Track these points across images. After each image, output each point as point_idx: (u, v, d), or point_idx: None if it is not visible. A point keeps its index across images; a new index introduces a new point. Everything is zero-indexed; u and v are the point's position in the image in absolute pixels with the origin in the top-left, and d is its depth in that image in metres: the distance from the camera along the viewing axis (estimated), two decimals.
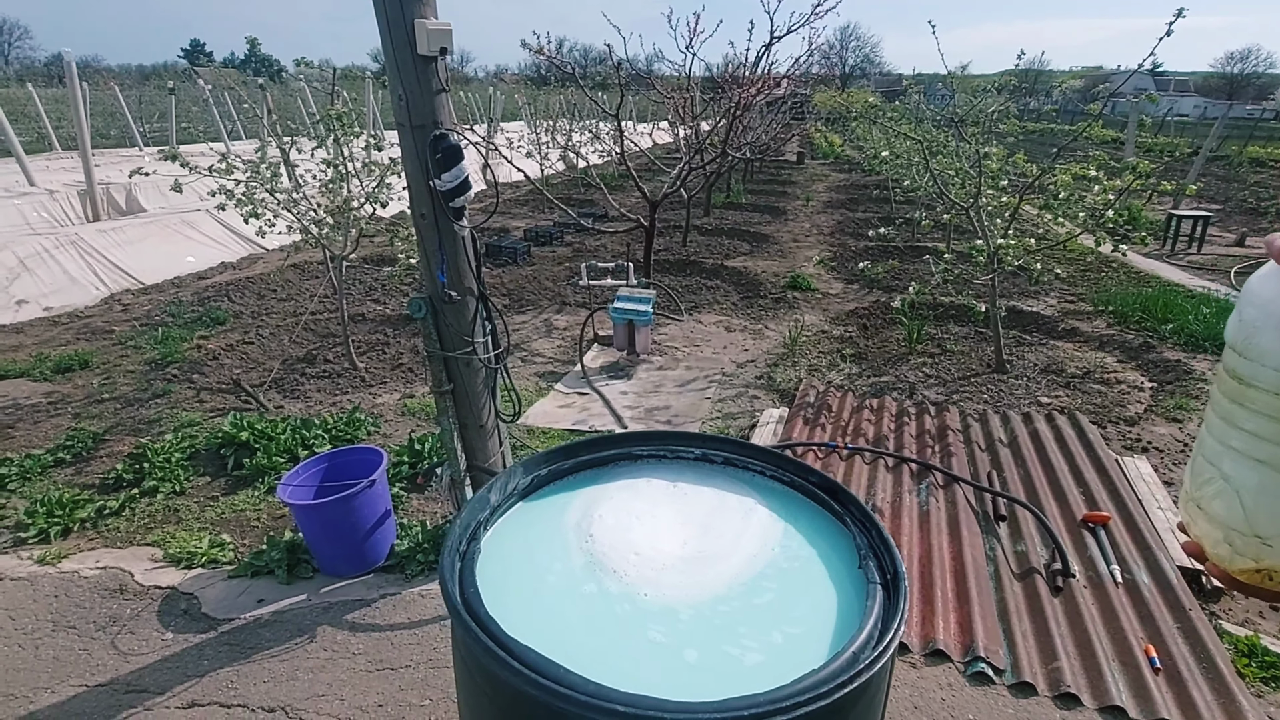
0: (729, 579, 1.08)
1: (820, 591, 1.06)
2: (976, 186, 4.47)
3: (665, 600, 1.04)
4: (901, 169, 8.45)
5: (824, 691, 0.81)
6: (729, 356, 5.25)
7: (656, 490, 1.31)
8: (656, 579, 1.08)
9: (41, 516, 3.10)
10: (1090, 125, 4.34)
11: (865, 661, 0.86)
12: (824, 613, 1.02)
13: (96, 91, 19.20)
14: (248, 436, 3.63)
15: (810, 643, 0.96)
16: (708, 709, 0.79)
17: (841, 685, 0.81)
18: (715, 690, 0.88)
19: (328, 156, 4.24)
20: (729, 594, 1.05)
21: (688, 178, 6.58)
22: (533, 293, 6.74)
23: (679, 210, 9.36)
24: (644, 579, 1.08)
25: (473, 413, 2.49)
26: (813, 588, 1.06)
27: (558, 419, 4.17)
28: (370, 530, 2.74)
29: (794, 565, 1.12)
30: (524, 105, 16.69)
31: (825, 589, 1.06)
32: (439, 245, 2.10)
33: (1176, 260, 8.56)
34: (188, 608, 2.64)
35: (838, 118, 20.13)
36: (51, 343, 5.46)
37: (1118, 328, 5.90)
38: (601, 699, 0.79)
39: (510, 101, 20.67)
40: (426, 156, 1.94)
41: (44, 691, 2.26)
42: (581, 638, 0.97)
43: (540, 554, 1.14)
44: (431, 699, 2.23)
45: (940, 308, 6.12)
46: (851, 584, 1.08)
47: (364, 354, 5.09)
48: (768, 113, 11.26)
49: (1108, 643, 2.33)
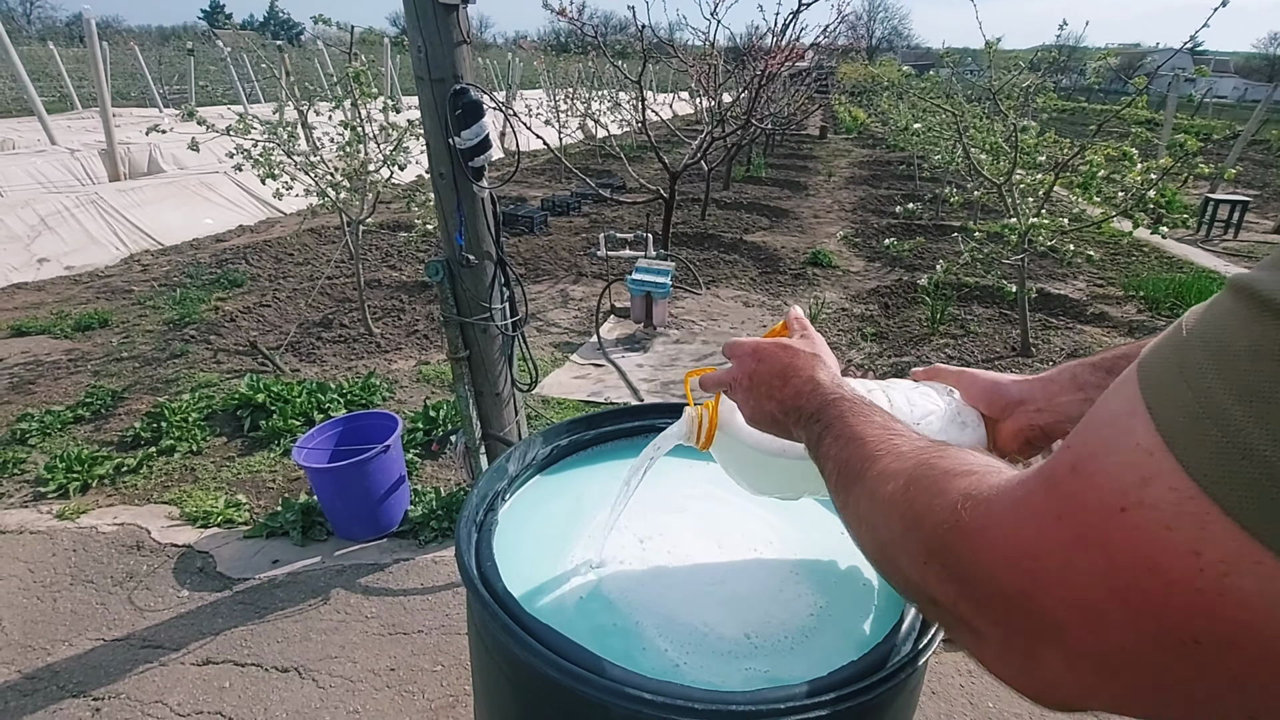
0: (758, 560, 1.03)
1: (856, 572, 1.00)
2: (1011, 162, 4.31)
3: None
4: (930, 144, 8.21)
5: (865, 686, 0.76)
6: (747, 332, 5.16)
7: (683, 464, 1.26)
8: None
9: (61, 472, 3.12)
10: (1134, 101, 4.15)
11: (907, 652, 0.81)
12: (861, 595, 0.96)
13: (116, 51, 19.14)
14: (264, 399, 3.63)
15: (847, 627, 0.91)
16: (739, 699, 0.74)
17: (886, 679, 0.76)
18: (746, 677, 0.84)
19: (345, 119, 4.17)
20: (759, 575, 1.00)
21: (709, 148, 6.43)
22: (549, 263, 6.67)
23: (698, 183, 9.19)
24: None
25: (489, 380, 2.45)
26: (848, 568, 1.01)
27: (572, 390, 4.13)
28: (384, 495, 2.73)
29: (828, 545, 1.06)
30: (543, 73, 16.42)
31: (863, 570, 1.01)
32: (457, 206, 2.04)
33: (1211, 246, 8.30)
34: (203, 566, 2.66)
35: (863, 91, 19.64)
36: (72, 301, 5.48)
37: (1149, 313, 5.74)
38: (628, 685, 0.74)
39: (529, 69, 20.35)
40: (446, 112, 1.87)
41: (62, 644, 2.29)
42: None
43: (560, 528, 1.10)
44: (444, 664, 2.22)
45: (964, 288, 5.98)
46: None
47: (379, 320, 5.06)
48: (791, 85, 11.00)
49: None
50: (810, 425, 0.64)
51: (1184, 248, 8.03)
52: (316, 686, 2.14)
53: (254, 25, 42.08)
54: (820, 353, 0.73)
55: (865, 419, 0.58)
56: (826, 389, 0.66)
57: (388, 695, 2.12)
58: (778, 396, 0.70)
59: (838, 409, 0.61)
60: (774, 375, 0.71)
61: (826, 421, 0.61)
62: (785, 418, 0.69)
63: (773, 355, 0.73)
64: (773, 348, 0.74)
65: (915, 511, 0.42)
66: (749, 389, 0.74)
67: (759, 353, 0.74)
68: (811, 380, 0.68)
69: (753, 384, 0.73)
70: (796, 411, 0.67)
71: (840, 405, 0.62)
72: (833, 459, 0.57)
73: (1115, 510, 0.31)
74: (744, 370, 0.75)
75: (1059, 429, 0.74)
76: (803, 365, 0.70)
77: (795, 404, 0.67)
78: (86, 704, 2.08)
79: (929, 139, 8.10)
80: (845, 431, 0.58)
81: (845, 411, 0.60)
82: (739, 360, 0.76)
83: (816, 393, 0.66)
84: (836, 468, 0.56)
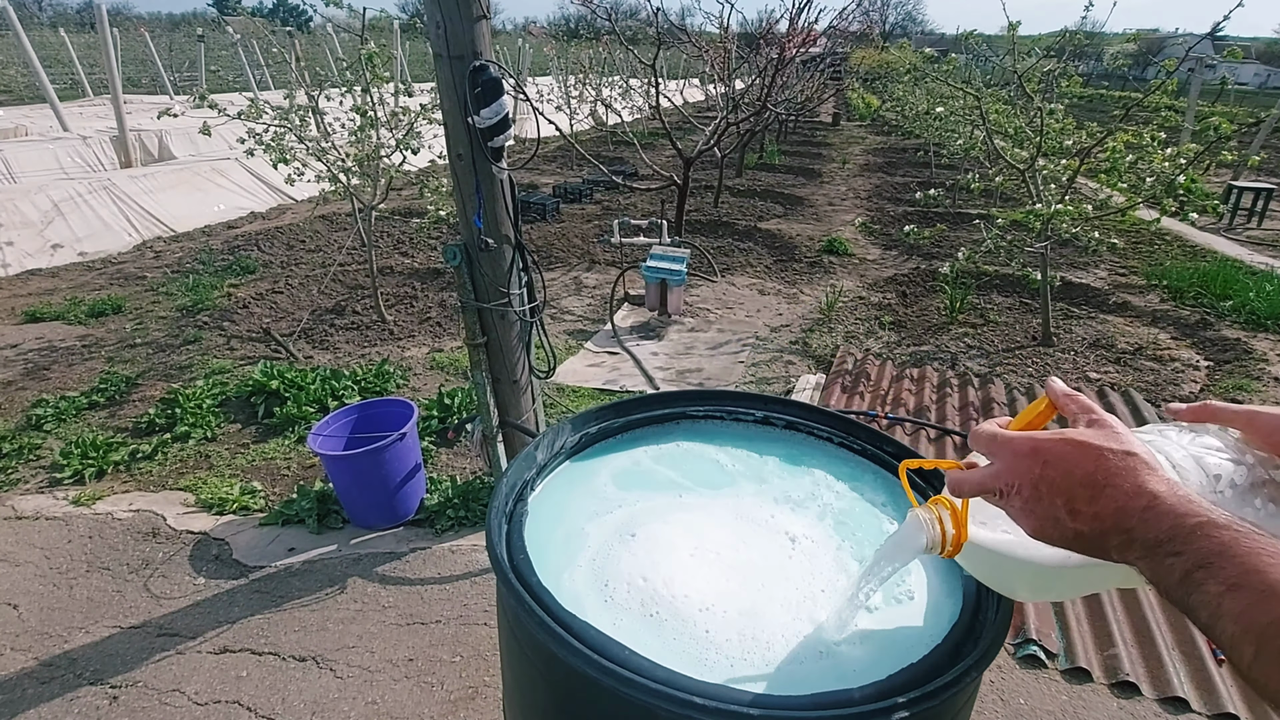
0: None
1: (907, 574, 0.95)
2: (1036, 147, 4.21)
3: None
4: (949, 130, 8.07)
5: (930, 692, 0.71)
6: (762, 320, 5.10)
7: (719, 455, 1.21)
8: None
9: (76, 458, 3.11)
10: (1164, 85, 4.03)
11: (974, 655, 0.76)
12: (915, 596, 0.91)
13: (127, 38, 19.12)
14: (278, 385, 3.60)
15: (903, 629, 0.86)
16: (795, 704, 0.70)
17: (950, 685, 0.71)
18: (796, 682, 0.79)
19: (356, 104, 4.11)
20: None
21: (724, 133, 6.34)
22: (562, 250, 6.61)
23: (711, 170, 9.09)
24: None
25: (506, 367, 2.40)
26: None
27: (588, 378, 4.08)
28: (401, 483, 2.70)
29: (872, 541, 1.01)
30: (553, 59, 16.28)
31: (913, 571, 0.96)
32: (476, 188, 1.98)
33: (1235, 234, 8.12)
34: (219, 553, 2.64)
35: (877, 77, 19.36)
36: (86, 287, 5.48)
37: (1172, 303, 5.62)
38: (675, 687, 0.69)
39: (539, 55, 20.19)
40: (465, 90, 1.81)
41: (79, 631, 2.28)
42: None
43: (592, 519, 1.05)
44: (462, 656, 2.19)
45: (984, 276, 5.88)
46: (934, 564, 0.97)
47: (392, 306, 5.03)
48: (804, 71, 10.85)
49: (1167, 631, 2.21)
50: (1161, 558, 0.50)
51: (1207, 236, 7.86)
52: (334, 676, 2.12)
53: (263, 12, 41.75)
54: (1134, 449, 0.56)
55: (1274, 558, 0.45)
56: (1174, 505, 0.51)
57: (406, 686, 2.09)
58: (1087, 512, 0.55)
59: (1212, 540, 0.48)
60: (1075, 484, 0.56)
61: (1198, 558, 0.48)
62: (1103, 539, 0.55)
63: (1067, 457, 0.57)
64: (1064, 446, 0.58)
65: None
66: (1034, 499, 0.58)
67: (1042, 453, 0.58)
68: (1142, 492, 0.53)
69: (1039, 494, 0.58)
70: (1125, 534, 0.53)
71: (1216, 535, 0.48)
72: (1234, 618, 0.45)
73: None
74: (1021, 476, 0.59)
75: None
76: (1119, 470, 0.55)
77: (1121, 524, 0.53)
78: (104, 692, 2.06)
79: (949, 124, 7.96)
80: (1250, 580, 0.45)
81: (1230, 545, 0.47)
82: (1010, 462, 0.60)
83: (1158, 510, 0.52)
84: (1250, 632, 0.44)
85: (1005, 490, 0.60)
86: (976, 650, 0.78)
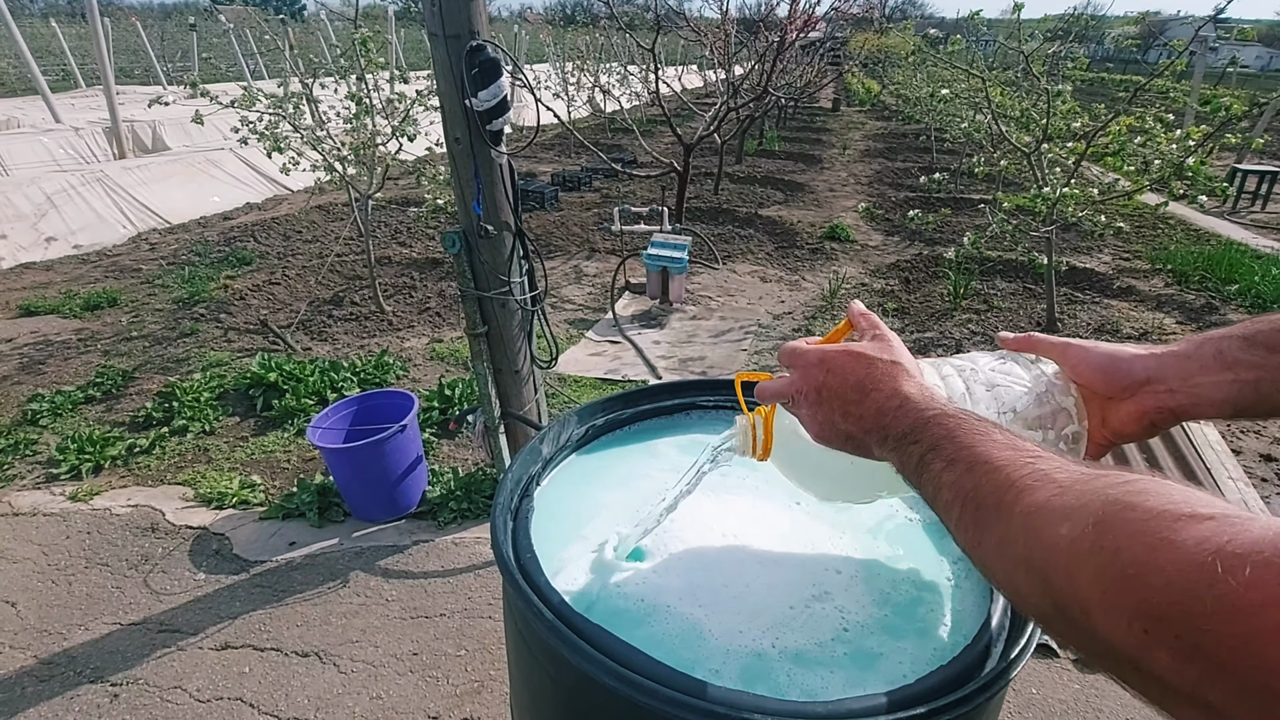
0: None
1: (930, 566, 0.91)
2: (1043, 130, 4.14)
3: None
4: (952, 114, 7.98)
5: (964, 696, 0.67)
6: (765, 307, 5.05)
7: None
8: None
9: (73, 453, 3.07)
10: (1172, 64, 3.96)
11: (1005, 656, 0.73)
12: (940, 593, 0.88)
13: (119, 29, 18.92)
14: (276, 378, 3.56)
15: (931, 628, 0.82)
16: (818, 710, 0.66)
17: (987, 687, 0.68)
18: (821, 685, 0.75)
19: (351, 91, 4.04)
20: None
21: (724, 119, 6.26)
22: (561, 238, 6.55)
23: (710, 157, 9.01)
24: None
25: (508, 357, 2.36)
26: (921, 562, 0.92)
27: (590, 367, 4.04)
28: (402, 476, 2.67)
29: (897, 532, 0.98)
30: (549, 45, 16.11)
31: (935, 564, 0.92)
32: (475, 173, 1.93)
33: (1239, 218, 8.06)
34: (219, 548, 2.61)
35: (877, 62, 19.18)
36: (80, 280, 5.42)
37: (1177, 287, 5.58)
38: (694, 695, 0.66)
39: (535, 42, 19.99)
40: (461, 71, 1.75)
41: (78, 628, 2.25)
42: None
43: (601, 512, 1.01)
44: (467, 649, 2.17)
45: (987, 262, 5.83)
46: (958, 557, 0.94)
47: (390, 297, 4.98)
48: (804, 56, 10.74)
49: None
50: (904, 446, 0.56)
51: (1210, 220, 7.80)
52: (338, 671, 2.09)
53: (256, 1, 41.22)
54: (900, 359, 0.63)
55: (986, 436, 0.50)
56: (919, 403, 0.57)
57: (411, 680, 2.07)
58: (854, 413, 0.61)
59: (941, 427, 0.53)
60: (848, 389, 0.62)
61: (930, 442, 0.53)
62: (866, 436, 0.61)
63: (844, 366, 0.63)
64: (843, 357, 0.64)
65: (1123, 564, 0.35)
66: (816, 403, 0.65)
67: (827, 362, 0.65)
68: (897, 394, 0.59)
69: (820, 398, 0.64)
70: (881, 431, 0.59)
71: (944, 422, 0.53)
72: (950, 486, 0.50)
73: None
74: (809, 382, 0.65)
75: (1193, 411, 0.64)
76: (883, 376, 0.61)
77: (879, 422, 0.59)
78: (104, 689, 2.04)
79: (951, 108, 7.88)
80: (963, 454, 0.50)
81: (954, 430, 0.52)
82: (802, 371, 0.67)
83: (906, 408, 0.58)
84: (958, 498, 0.49)
85: (796, 396, 0.67)
86: (1009, 650, 0.75)
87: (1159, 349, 0.67)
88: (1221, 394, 0.61)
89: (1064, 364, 0.71)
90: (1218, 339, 0.63)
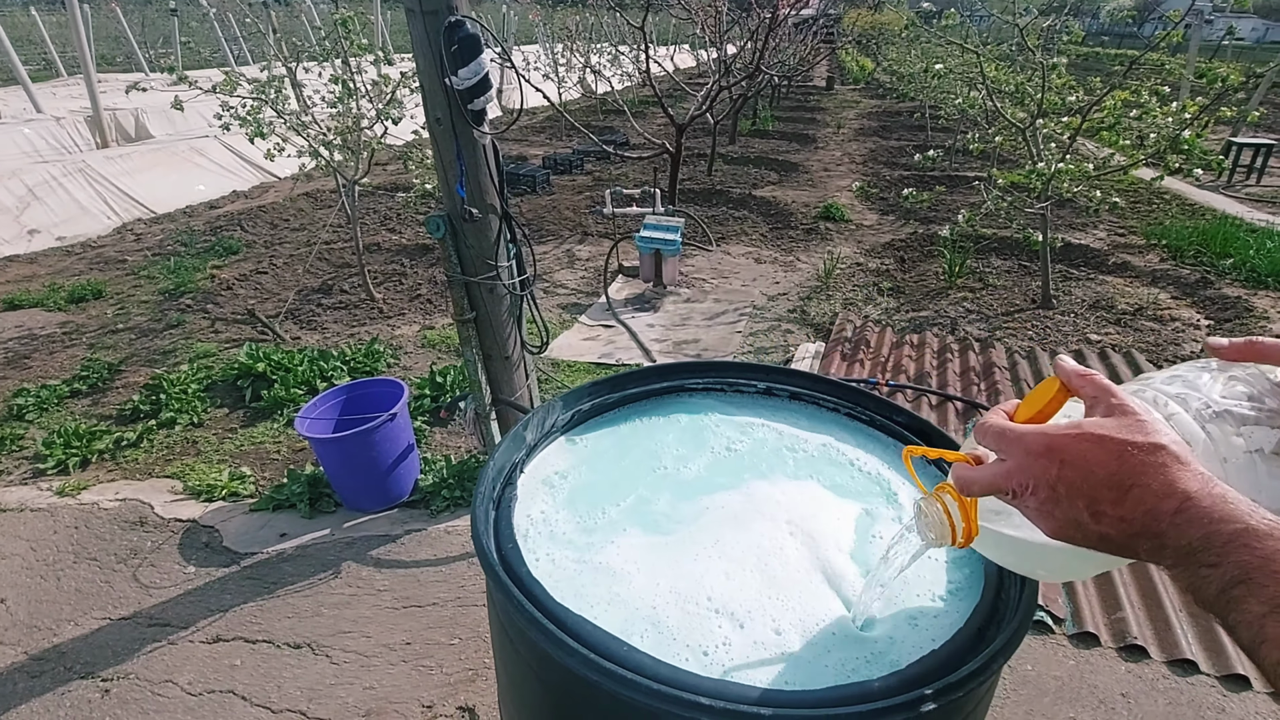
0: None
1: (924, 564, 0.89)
2: (1037, 105, 4.09)
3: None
4: (947, 89, 7.90)
5: (955, 682, 0.65)
6: (759, 289, 5.01)
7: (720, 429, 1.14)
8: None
9: (59, 448, 3.03)
10: (1169, 34, 3.90)
11: (1000, 641, 0.70)
12: (932, 575, 0.85)
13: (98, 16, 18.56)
14: (264, 368, 3.52)
15: (921, 611, 0.80)
16: (810, 700, 0.64)
17: (977, 674, 0.66)
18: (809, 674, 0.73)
19: (335, 73, 3.96)
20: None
21: (716, 98, 6.18)
22: (553, 222, 6.48)
23: (703, 138, 8.91)
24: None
25: (497, 343, 2.32)
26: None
27: (583, 352, 4.01)
28: (393, 465, 2.64)
29: (888, 517, 0.95)
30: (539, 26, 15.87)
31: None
32: (457, 154, 1.88)
33: (1234, 192, 8.02)
34: (209, 541, 2.58)
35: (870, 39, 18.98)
36: (65, 273, 5.35)
37: (1171, 262, 5.55)
38: (680, 687, 0.63)
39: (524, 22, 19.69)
40: (440, 49, 1.70)
41: (67, 623, 2.23)
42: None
43: (586, 497, 0.99)
44: (460, 638, 2.15)
45: (982, 240, 5.79)
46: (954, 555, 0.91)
47: (380, 284, 4.92)
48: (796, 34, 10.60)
49: (1174, 593, 2.18)
50: (1194, 568, 0.46)
51: (1205, 194, 7.76)
52: (330, 662, 2.07)
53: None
54: (1160, 438, 0.49)
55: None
56: (1208, 509, 0.46)
57: (404, 670, 2.05)
58: (1112, 514, 0.50)
59: (1250, 551, 0.43)
60: (1098, 486, 0.50)
61: (1237, 571, 0.43)
62: (1131, 541, 0.50)
63: (1086, 457, 0.50)
64: (1082, 444, 0.51)
65: None
66: (1051, 501, 0.52)
67: (1058, 452, 0.52)
68: (1173, 492, 0.47)
69: (1057, 496, 0.52)
70: (1156, 538, 0.48)
71: (1254, 544, 0.43)
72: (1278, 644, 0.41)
73: None
74: (1036, 477, 0.53)
75: None
76: (1144, 470, 0.49)
77: (1151, 528, 0.48)
78: (95, 685, 2.02)
79: (946, 85, 7.79)
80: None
81: (1271, 559, 0.43)
82: (1022, 461, 0.54)
83: (1189, 513, 0.46)
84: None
85: (1019, 490, 0.54)
86: (1002, 634, 0.73)
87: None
88: None
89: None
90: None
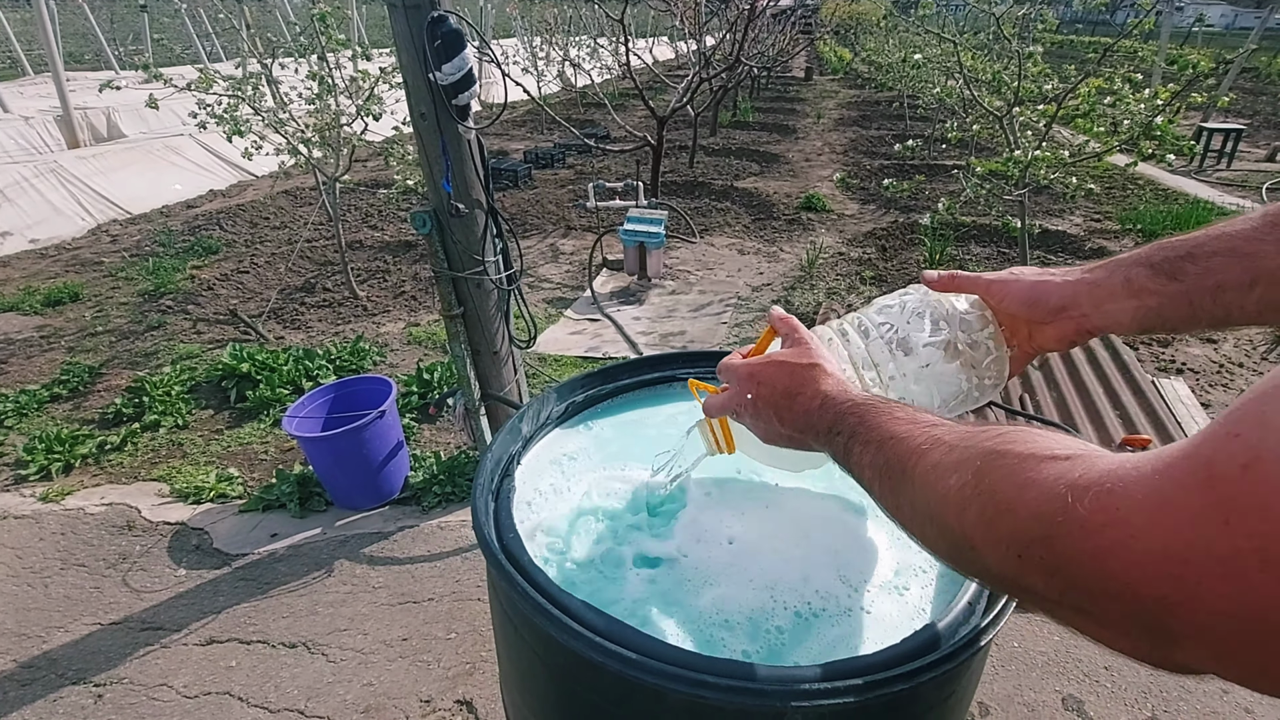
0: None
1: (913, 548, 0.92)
2: (1014, 93, 4.14)
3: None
4: (925, 79, 7.96)
5: (948, 654, 0.67)
6: (744, 280, 5.04)
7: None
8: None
9: (41, 453, 2.99)
10: (1141, 22, 3.97)
11: (991, 613, 0.73)
12: (923, 557, 0.88)
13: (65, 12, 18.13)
14: (249, 368, 3.49)
15: (915, 589, 0.83)
16: (808, 676, 0.66)
17: (968, 645, 0.68)
18: (806, 650, 0.76)
19: (313, 70, 3.91)
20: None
21: (697, 89, 6.19)
22: (536, 217, 6.46)
23: (684, 130, 8.91)
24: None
25: (485, 338, 2.33)
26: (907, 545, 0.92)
27: (569, 346, 4.01)
28: (383, 462, 2.64)
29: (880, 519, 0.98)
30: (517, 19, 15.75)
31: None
32: (442, 150, 1.88)
33: (1205, 176, 8.18)
34: (199, 543, 2.57)
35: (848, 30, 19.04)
36: (40, 275, 5.25)
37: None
38: (684, 666, 0.65)
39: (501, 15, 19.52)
40: (423, 44, 1.70)
41: (57, 630, 2.21)
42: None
43: (582, 485, 1.00)
44: (458, 632, 2.17)
45: (961, 227, 5.85)
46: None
47: (364, 282, 4.89)
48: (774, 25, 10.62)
49: None
50: (832, 439, 0.62)
51: (1177, 179, 7.90)
52: (327, 661, 2.08)
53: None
54: (817, 359, 0.69)
55: (890, 416, 0.56)
56: (836, 398, 0.64)
57: (402, 665, 2.06)
58: (788, 418, 0.68)
59: (856, 415, 0.60)
60: (778, 397, 0.69)
61: (849, 431, 0.60)
62: (802, 435, 0.68)
63: (770, 377, 0.71)
64: (768, 369, 0.71)
65: (999, 503, 0.40)
66: (754, 414, 0.72)
67: (755, 376, 0.72)
68: (818, 394, 0.66)
69: (757, 409, 0.72)
70: (811, 429, 0.66)
71: (857, 411, 0.60)
72: (869, 466, 0.56)
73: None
74: (744, 397, 0.73)
75: (1106, 330, 0.72)
76: (804, 381, 0.68)
77: (808, 422, 0.66)
78: (88, 691, 2.01)
79: (924, 74, 7.85)
80: (873, 435, 0.56)
81: (865, 415, 0.59)
82: (737, 386, 0.74)
83: (827, 405, 0.64)
84: (876, 473, 0.55)
85: (739, 410, 0.74)
86: (993, 608, 0.75)
87: (1074, 276, 0.73)
88: (1128, 317, 0.68)
89: (989, 298, 0.78)
90: (1127, 266, 0.69)
